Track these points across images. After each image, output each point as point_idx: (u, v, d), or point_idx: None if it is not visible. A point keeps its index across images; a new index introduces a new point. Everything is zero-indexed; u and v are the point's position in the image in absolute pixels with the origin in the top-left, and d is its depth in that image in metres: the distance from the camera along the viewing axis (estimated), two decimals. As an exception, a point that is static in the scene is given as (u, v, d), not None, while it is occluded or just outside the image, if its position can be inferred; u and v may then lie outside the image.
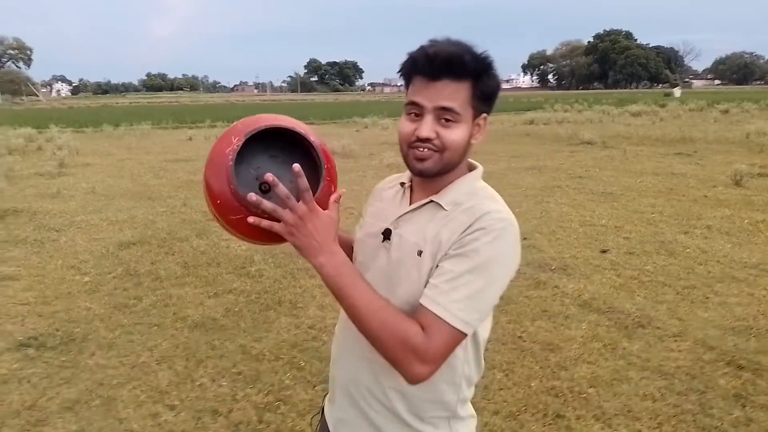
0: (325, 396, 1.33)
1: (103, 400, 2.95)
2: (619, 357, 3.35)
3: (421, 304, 0.99)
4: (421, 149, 1.03)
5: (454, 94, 1.01)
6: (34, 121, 23.88)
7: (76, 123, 24.18)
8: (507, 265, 1.03)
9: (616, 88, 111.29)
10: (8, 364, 3.32)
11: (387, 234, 1.12)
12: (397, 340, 0.95)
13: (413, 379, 0.98)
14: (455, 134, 1.02)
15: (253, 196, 0.94)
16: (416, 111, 1.04)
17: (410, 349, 0.95)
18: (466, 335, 0.99)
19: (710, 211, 6.80)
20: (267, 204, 0.95)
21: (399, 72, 1.09)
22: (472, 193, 1.08)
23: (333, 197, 1.02)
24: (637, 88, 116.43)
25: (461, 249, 1.00)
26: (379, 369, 1.08)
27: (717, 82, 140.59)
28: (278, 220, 0.97)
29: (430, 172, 1.05)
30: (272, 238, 1.02)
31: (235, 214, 0.99)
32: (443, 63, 1.00)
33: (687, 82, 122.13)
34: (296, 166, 0.94)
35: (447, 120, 1.02)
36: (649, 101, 33.36)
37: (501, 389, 3.01)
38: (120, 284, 4.61)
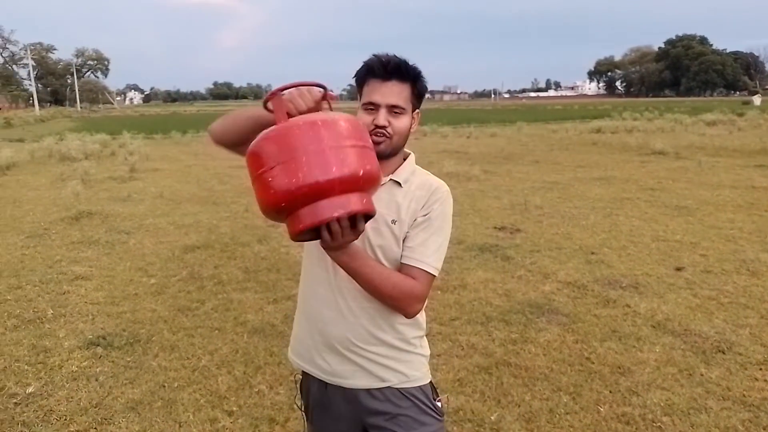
0: (293, 375, 1.70)
1: (165, 402, 3.00)
2: (696, 384, 3.11)
3: (408, 264, 1.40)
4: (378, 135, 1.37)
5: (401, 93, 1.38)
6: (108, 128, 25.18)
7: (146, 130, 25.35)
8: (450, 221, 1.47)
9: (689, 96, 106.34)
10: (78, 361, 3.44)
11: None
12: (405, 294, 1.37)
13: (413, 315, 1.43)
14: (402, 123, 1.40)
15: None
16: (372, 107, 1.38)
17: (413, 297, 1.39)
18: (436, 276, 1.42)
19: (797, 228, 6.30)
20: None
21: (355, 77, 1.42)
22: (413, 172, 1.47)
23: None
24: (711, 95, 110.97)
25: (424, 218, 1.42)
26: (374, 312, 1.43)
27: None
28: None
29: (384, 153, 1.38)
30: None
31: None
32: (394, 68, 1.37)
33: None
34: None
35: (395, 113, 1.38)
36: (725, 110, 31.63)
37: (567, 413, 2.85)
38: (184, 287, 4.72)
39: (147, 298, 4.48)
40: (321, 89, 1.26)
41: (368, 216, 1.19)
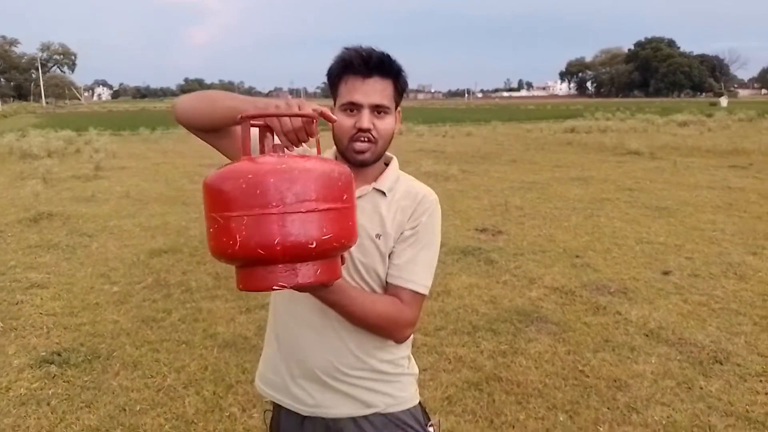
0: (265, 410, 1.47)
1: (125, 429, 2.72)
2: (696, 398, 2.95)
3: (395, 285, 1.25)
4: (362, 140, 1.21)
5: (384, 90, 1.21)
6: (74, 124, 24.35)
7: (114, 126, 24.60)
8: (439, 233, 1.33)
9: (658, 97, 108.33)
10: (28, 383, 3.12)
11: None
12: (392, 322, 1.25)
13: (403, 341, 1.32)
14: (387, 124, 1.24)
15: None
16: (353, 108, 1.21)
17: (402, 323, 1.26)
18: (426, 295, 1.29)
19: (778, 229, 6.26)
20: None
21: (328, 73, 1.24)
22: (398, 179, 1.32)
23: None
24: (679, 96, 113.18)
25: (412, 231, 1.27)
26: (362, 334, 1.27)
27: (765, 91, 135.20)
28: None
29: (369, 161, 1.25)
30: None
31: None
32: (376, 63, 1.20)
33: (732, 91, 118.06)
34: None
35: (380, 113, 1.22)
36: (694, 110, 32.14)
37: (566, 435, 2.65)
38: (149, 295, 4.40)
39: (109, 308, 4.15)
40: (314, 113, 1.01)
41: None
